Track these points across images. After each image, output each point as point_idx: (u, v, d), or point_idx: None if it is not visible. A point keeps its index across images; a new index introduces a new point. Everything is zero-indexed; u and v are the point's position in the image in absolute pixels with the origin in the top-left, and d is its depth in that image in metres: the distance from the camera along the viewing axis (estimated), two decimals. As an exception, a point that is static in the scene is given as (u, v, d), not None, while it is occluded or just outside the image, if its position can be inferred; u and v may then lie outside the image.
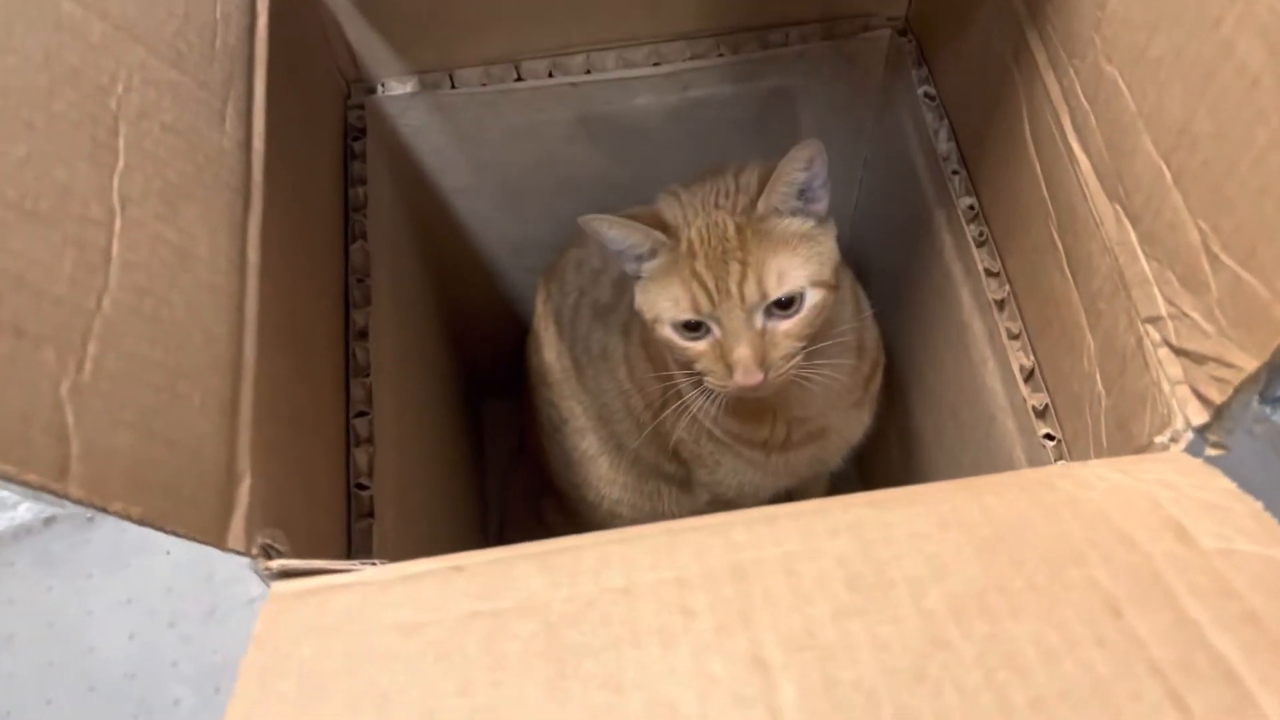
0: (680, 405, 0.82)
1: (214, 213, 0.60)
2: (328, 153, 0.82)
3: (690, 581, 0.43)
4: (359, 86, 0.87)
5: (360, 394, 0.74)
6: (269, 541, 0.55)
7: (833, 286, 0.73)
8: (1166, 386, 0.57)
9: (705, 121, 0.91)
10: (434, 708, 0.41)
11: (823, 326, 0.73)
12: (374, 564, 0.52)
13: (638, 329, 0.87)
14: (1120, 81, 0.58)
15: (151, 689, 1.16)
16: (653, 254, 0.74)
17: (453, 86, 0.87)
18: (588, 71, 0.87)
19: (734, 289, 0.70)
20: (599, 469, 1.00)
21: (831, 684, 0.38)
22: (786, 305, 0.71)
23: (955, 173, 0.81)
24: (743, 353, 0.69)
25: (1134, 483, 0.49)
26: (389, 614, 0.47)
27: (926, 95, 0.85)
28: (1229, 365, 0.52)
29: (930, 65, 0.86)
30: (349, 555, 0.69)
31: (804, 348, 0.72)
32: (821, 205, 0.73)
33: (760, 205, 0.71)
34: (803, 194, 0.72)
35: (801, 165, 0.70)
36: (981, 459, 0.80)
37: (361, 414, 0.73)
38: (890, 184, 0.95)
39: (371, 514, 0.70)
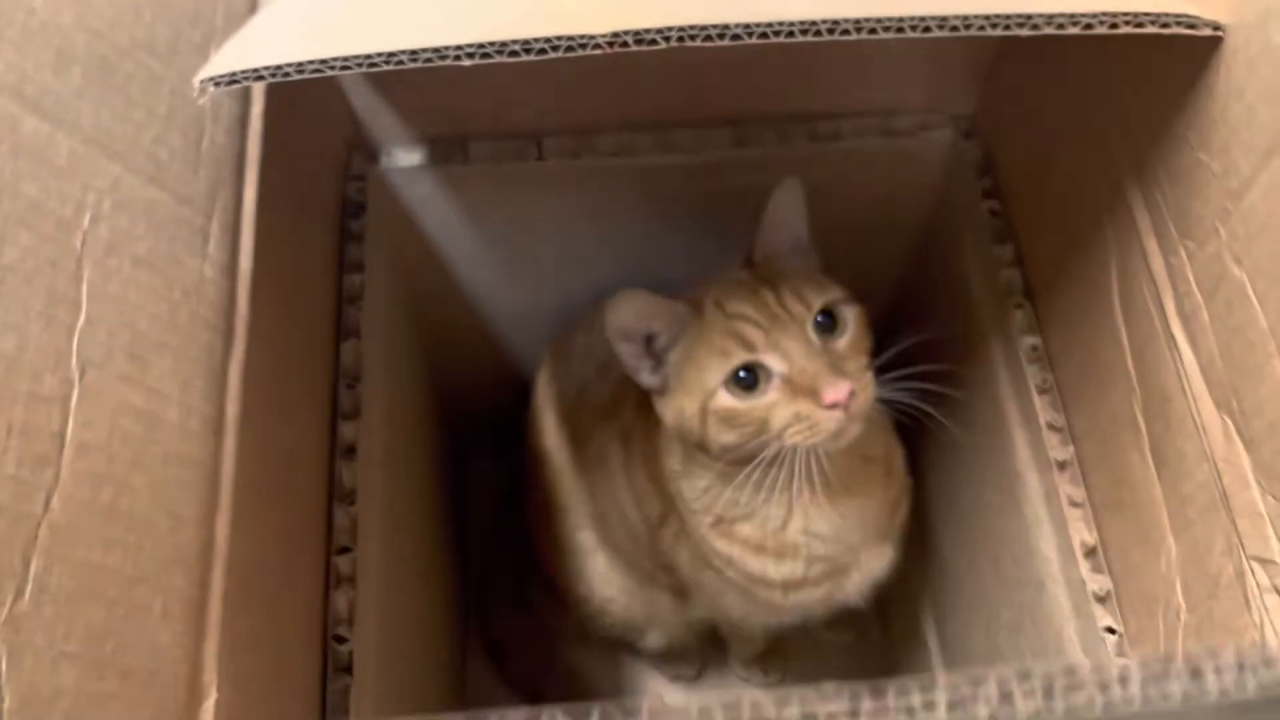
0: (679, 529, 0.76)
1: (188, 361, 0.51)
2: (321, 236, 0.73)
3: None
4: (360, 154, 0.78)
5: (344, 523, 0.66)
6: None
7: (863, 309, 0.69)
8: (1273, 639, 0.50)
9: (743, 216, 0.82)
10: None
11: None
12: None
13: (638, 440, 0.79)
14: (1250, 290, 0.50)
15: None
16: (676, 340, 0.69)
17: (466, 160, 0.77)
18: (616, 154, 0.78)
19: (777, 309, 0.66)
20: (595, 565, 0.92)
21: None
22: (830, 328, 0.66)
23: (1019, 306, 0.73)
24: (818, 364, 0.63)
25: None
26: None
27: (991, 212, 0.76)
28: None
29: (997, 176, 0.78)
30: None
31: (868, 365, 0.66)
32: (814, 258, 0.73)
33: (757, 252, 0.70)
34: (795, 247, 0.72)
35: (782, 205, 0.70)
36: (1025, 623, 0.73)
37: (344, 550, 0.65)
38: (937, 303, 0.87)
39: (349, 669, 0.62)
